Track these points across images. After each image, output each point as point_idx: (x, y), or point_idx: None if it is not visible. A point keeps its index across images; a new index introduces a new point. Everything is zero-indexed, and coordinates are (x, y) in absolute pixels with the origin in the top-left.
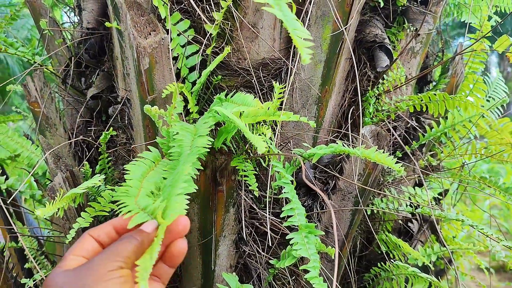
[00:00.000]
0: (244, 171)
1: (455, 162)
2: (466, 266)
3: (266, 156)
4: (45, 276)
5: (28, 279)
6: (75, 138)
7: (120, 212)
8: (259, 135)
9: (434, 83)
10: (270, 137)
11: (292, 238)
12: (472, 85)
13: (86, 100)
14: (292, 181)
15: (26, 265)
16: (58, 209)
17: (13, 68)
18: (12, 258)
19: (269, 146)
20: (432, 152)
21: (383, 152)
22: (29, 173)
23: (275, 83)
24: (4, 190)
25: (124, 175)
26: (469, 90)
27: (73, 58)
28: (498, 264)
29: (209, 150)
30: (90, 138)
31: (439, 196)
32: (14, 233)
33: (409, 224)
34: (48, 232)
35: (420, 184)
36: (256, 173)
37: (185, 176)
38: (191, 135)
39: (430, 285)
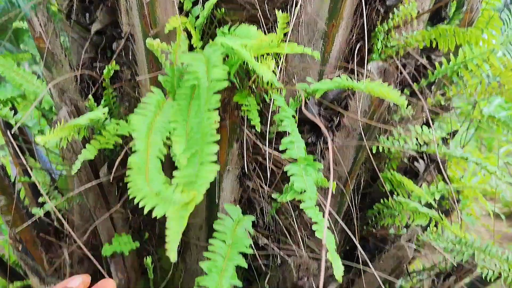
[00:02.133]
0: (247, 105)
1: (465, 104)
2: (477, 211)
3: (269, 92)
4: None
5: (39, 208)
6: (80, 75)
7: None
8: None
9: (448, 20)
10: (273, 71)
11: (290, 169)
12: (487, 22)
13: (91, 36)
14: (294, 116)
15: (40, 199)
16: (61, 139)
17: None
18: (26, 193)
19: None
20: (442, 92)
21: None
22: (36, 108)
23: (278, 12)
24: (14, 124)
25: (132, 132)
26: (484, 27)
27: None
28: (509, 211)
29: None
30: (95, 73)
31: (447, 137)
32: (26, 168)
33: (415, 163)
34: (60, 169)
35: (428, 124)
36: (259, 108)
37: (212, 132)
38: (204, 64)
39: (430, 221)
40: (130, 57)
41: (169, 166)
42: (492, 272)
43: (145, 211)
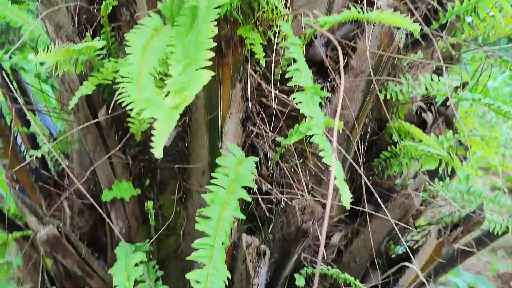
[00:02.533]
0: (251, 39)
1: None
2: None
3: (275, 25)
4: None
5: (36, 150)
6: (77, 19)
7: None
8: None
9: None
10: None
11: (297, 97)
12: None
13: None
14: (300, 47)
15: (39, 152)
16: (57, 66)
17: None
18: (24, 142)
19: (276, 7)
20: (453, 41)
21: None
22: (32, 48)
23: None
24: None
25: (125, 48)
26: None
27: None
28: None
29: None
30: (93, 14)
31: (456, 88)
32: (24, 117)
33: (423, 115)
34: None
35: (437, 73)
36: (264, 43)
37: (209, 40)
38: None
39: (440, 163)
40: None
41: None
42: (499, 225)
43: (133, 114)
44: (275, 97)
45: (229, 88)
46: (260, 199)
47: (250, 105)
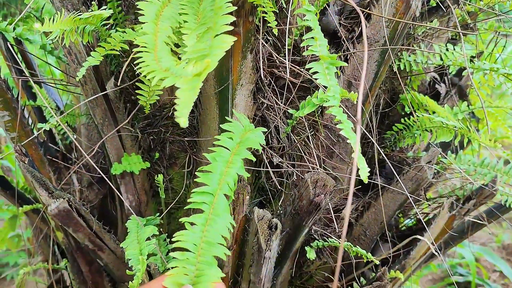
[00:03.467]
0: (264, 6)
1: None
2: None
3: None
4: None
5: (41, 121)
6: None
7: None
8: None
9: None
10: None
11: (312, 68)
12: None
13: None
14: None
15: (47, 125)
16: (64, 36)
17: None
18: (33, 120)
19: None
20: (471, 8)
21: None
22: (37, 18)
23: None
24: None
25: (138, 17)
26: None
27: None
28: None
29: None
30: None
31: (472, 58)
32: (31, 90)
33: (437, 86)
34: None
35: (452, 43)
36: (276, 11)
37: (227, 5)
38: None
39: (455, 136)
40: None
41: None
42: None
43: (153, 83)
44: (284, 66)
45: (240, 59)
46: (271, 172)
47: (261, 75)
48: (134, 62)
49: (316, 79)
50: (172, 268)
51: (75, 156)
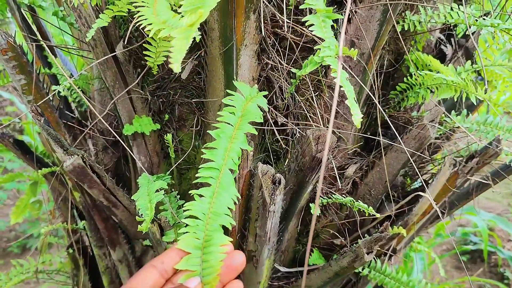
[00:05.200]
0: None
1: None
2: None
3: None
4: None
5: (57, 85)
6: None
7: (141, 23)
8: None
9: None
10: None
11: (308, 20)
12: None
13: None
14: None
15: (61, 87)
16: None
17: None
18: (48, 86)
19: None
20: None
21: None
22: None
23: None
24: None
25: None
26: None
27: None
28: None
29: None
30: None
31: (479, 17)
32: (46, 59)
33: (442, 47)
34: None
35: (458, 3)
36: None
37: None
38: None
39: (461, 92)
40: None
41: None
42: None
43: (150, 34)
44: (287, 26)
45: (243, 19)
46: (276, 132)
47: (264, 35)
48: (134, 16)
49: (312, 31)
50: (184, 233)
51: (90, 122)
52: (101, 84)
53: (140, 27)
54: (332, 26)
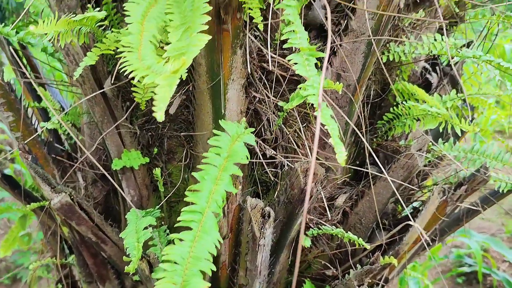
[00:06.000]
0: (250, 3)
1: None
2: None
3: None
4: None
5: (46, 122)
6: None
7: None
8: None
9: None
10: None
11: (293, 58)
12: None
13: None
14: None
15: (49, 123)
16: (60, 37)
17: None
18: (38, 120)
19: None
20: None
21: None
22: (36, 22)
23: None
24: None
25: (125, 18)
26: None
27: None
28: None
29: None
30: None
31: (462, 47)
32: (35, 92)
33: (428, 76)
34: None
35: (441, 33)
36: (262, 7)
37: (204, 5)
38: None
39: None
40: None
41: None
42: (505, 184)
43: (135, 81)
44: (273, 60)
45: (230, 54)
46: (264, 164)
47: (250, 70)
48: (119, 61)
49: (296, 69)
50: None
51: (80, 155)
52: (90, 118)
53: (125, 74)
54: (319, 58)
